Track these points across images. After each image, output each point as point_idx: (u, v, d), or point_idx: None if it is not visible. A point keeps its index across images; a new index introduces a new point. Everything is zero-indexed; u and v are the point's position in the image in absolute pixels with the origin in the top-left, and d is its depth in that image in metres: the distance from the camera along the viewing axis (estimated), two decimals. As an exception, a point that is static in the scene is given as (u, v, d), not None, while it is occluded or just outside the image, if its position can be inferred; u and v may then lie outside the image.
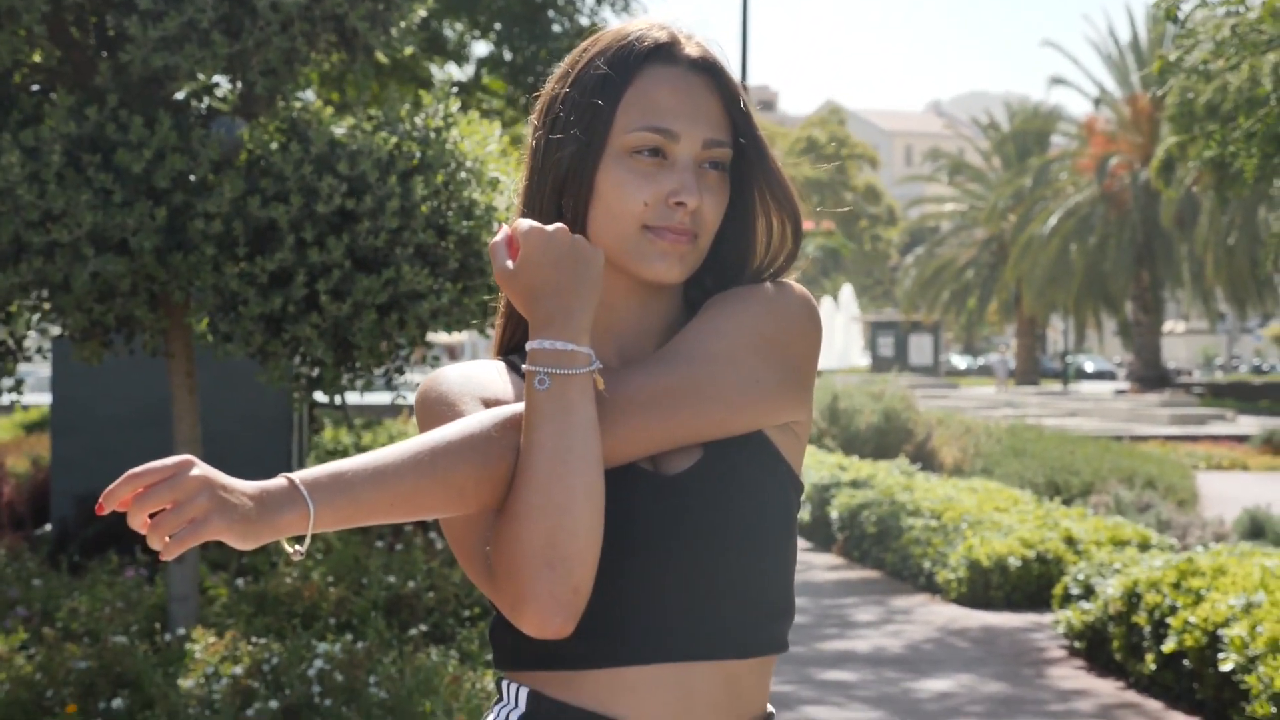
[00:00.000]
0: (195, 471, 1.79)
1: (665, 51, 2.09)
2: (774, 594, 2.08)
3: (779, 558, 2.08)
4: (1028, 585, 11.57)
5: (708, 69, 2.10)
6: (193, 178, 7.16)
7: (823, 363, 56.79)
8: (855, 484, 14.93)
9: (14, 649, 7.22)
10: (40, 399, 21.43)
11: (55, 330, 7.49)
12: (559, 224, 2.00)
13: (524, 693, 2.04)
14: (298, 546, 1.88)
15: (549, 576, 1.91)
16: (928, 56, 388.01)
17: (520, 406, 1.99)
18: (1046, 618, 11.02)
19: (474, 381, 2.10)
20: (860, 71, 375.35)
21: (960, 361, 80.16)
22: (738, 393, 2.03)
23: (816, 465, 16.44)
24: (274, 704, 6.54)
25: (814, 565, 14.12)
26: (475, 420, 1.98)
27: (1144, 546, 11.21)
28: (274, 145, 7.24)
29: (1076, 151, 52.94)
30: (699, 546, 2.01)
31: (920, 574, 12.58)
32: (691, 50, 2.11)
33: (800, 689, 9.05)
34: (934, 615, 11.45)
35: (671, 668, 2.00)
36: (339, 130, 7.52)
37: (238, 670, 6.87)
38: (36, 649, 7.23)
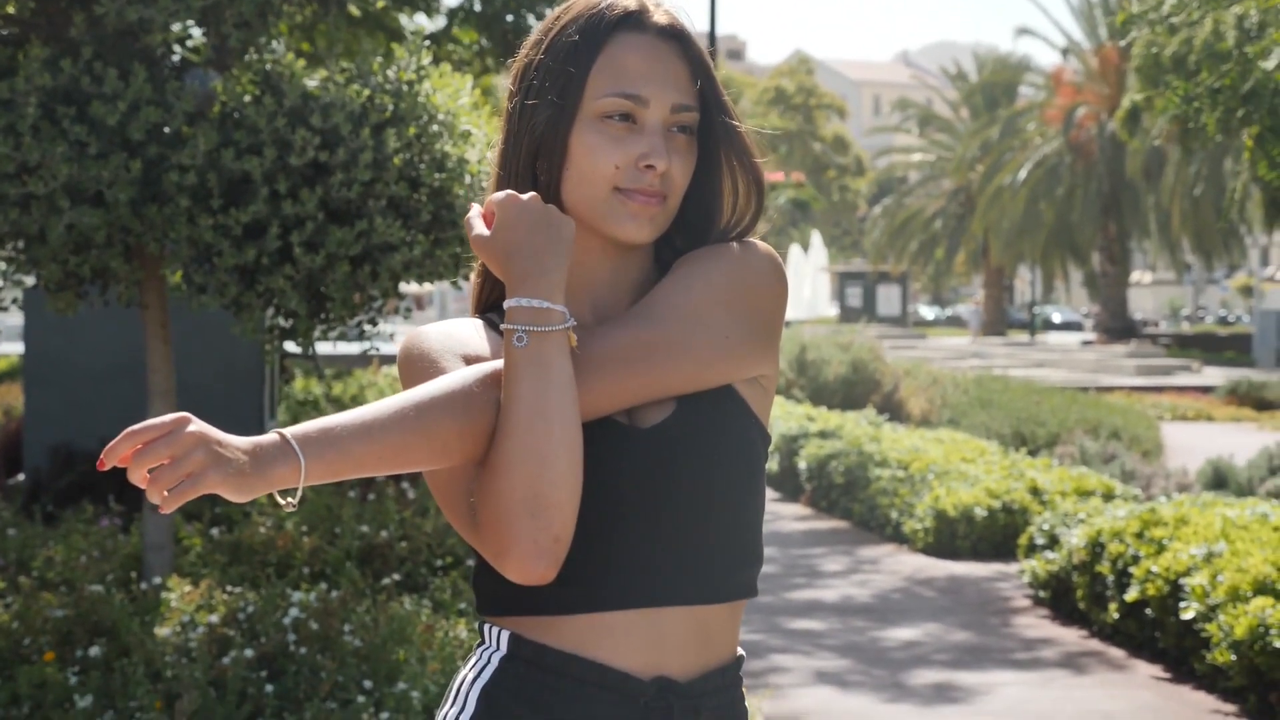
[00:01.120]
0: (191, 428, 1.87)
1: (634, 19, 2.17)
2: (743, 542, 2.17)
3: (748, 507, 2.17)
4: (994, 535, 11.72)
5: (675, 36, 2.18)
6: (167, 130, 7.19)
7: (791, 313, 57.03)
8: (823, 435, 15.05)
9: (-10, 598, 7.28)
10: (9, 349, 21.39)
11: (29, 281, 7.52)
12: (532, 193, 2.09)
13: (505, 635, 2.13)
14: (290, 499, 1.96)
15: (531, 525, 1.99)
16: (896, 5, 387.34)
17: (500, 363, 2.07)
18: (1012, 567, 11.17)
19: (454, 339, 2.17)
20: (828, 21, 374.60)
21: (928, 312, 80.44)
22: (708, 348, 2.12)
23: (785, 416, 16.56)
24: (249, 652, 6.61)
25: (782, 515, 14.25)
26: (457, 376, 2.06)
27: (1108, 497, 11.35)
28: (247, 98, 7.27)
29: (1044, 102, 53.02)
30: (672, 496, 2.10)
31: (887, 524, 12.72)
32: (660, 18, 2.18)
33: (769, 638, 9.17)
34: (901, 565, 11.59)
35: (645, 613, 2.09)
36: (312, 83, 7.53)
37: (213, 619, 6.94)
38: (13, 598, 7.29)
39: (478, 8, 15.57)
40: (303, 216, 7.05)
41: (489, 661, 2.15)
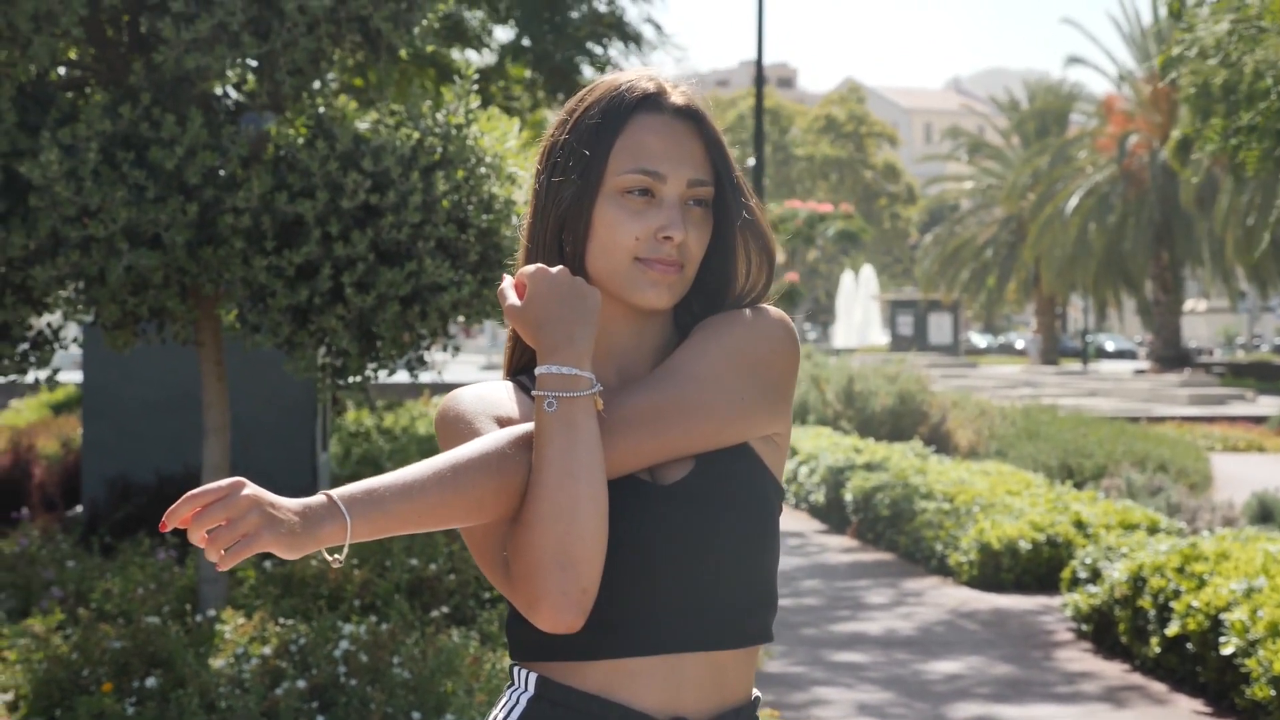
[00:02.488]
0: (246, 492, 2.03)
1: (652, 100, 2.33)
2: (758, 590, 2.31)
3: (763, 556, 2.31)
4: (1038, 568, 11.79)
5: (691, 116, 2.35)
6: (222, 173, 7.38)
7: (842, 341, 56.69)
8: (869, 467, 15.14)
9: (51, 629, 7.45)
10: (68, 377, 21.67)
11: (88, 319, 7.73)
12: (560, 266, 2.25)
13: (533, 678, 2.28)
14: (337, 556, 2.12)
15: (560, 577, 2.15)
16: (948, 33, 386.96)
17: (531, 426, 2.23)
18: (1056, 601, 11.24)
19: (488, 402, 2.33)
20: (880, 49, 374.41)
21: (981, 340, 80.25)
22: (724, 409, 2.27)
23: (831, 448, 16.65)
24: (301, 683, 6.77)
25: (828, 548, 14.34)
26: (491, 439, 2.21)
27: (1153, 530, 11.40)
28: (300, 142, 7.46)
29: (1096, 130, 52.89)
30: (692, 549, 2.25)
31: (933, 556, 12.80)
32: (677, 99, 2.35)
33: (812, 670, 9.28)
34: (945, 598, 11.67)
35: (665, 659, 2.24)
36: (363, 126, 7.73)
37: (266, 650, 7.11)
38: (72, 629, 7.47)
39: (527, 43, 15.83)
40: (354, 258, 7.23)
41: (517, 702, 2.30)
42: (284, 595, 8.43)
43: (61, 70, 7.75)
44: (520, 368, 2.43)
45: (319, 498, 2.10)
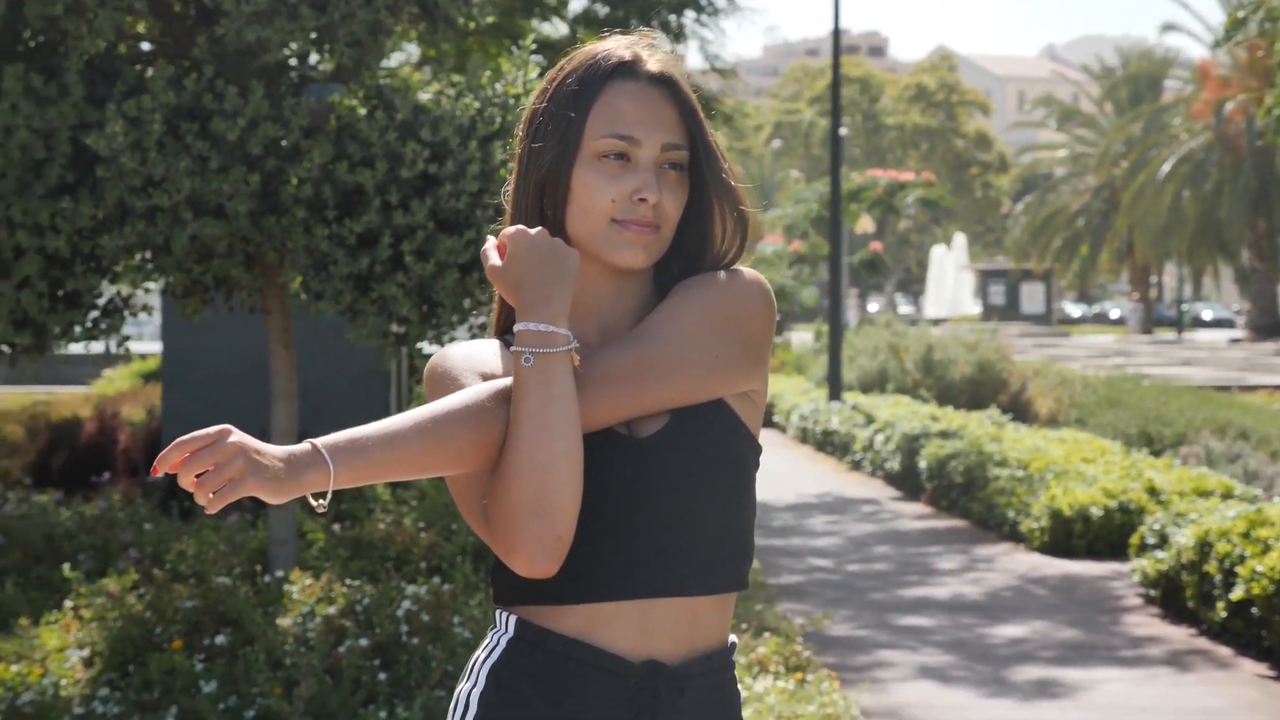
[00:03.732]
0: (232, 439, 2.13)
1: (628, 68, 2.41)
2: (732, 540, 2.38)
3: (736, 508, 2.39)
4: (1109, 535, 11.76)
5: (666, 82, 2.42)
6: (284, 144, 7.51)
7: (933, 311, 56.42)
8: (945, 434, 15.14)
9: (126, 589, 7.62)
10: (157, 348, 22.03)
11: (153, 287, 7.89)
12: (540, 227, 2.33)
13: (513, 620, 2.37)
14: (321, 501, 2.21)
15: (536, 525, 2.24)
16: (1043, 1, 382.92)
17: (510, 380, 2.31)
18: (1125, 567, 11.21)
19: (474, 358, 2.42)
20: (973, 16, 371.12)
21: (1075, 310, 79.60)
22: (698, 366, 2.34)
23: (909, 416, 16.65)
24: (364, 642, 6.91)
25: (902, 514, 14.37)
26: (472, 392, 2.30)
27: (1227, 497, 11.33)
28: (361, 112, 7.58)
29: (1190, 96, 52.35)
30: (665, 499, 2.33)
31: (1005, 523, 12.80)
32: (651, 66, 2.42)
33: (876, 634, 9.33)
34: (1016, 564, 11.68)
35: (639, 603, 2.32)
36: (424, 96, 7.84)
37: (332, 610, 7.24)
38: (146, 589, 7.64)
39: (602, 12, 15.88)
40: (413, 226, 7.35)
41: (498, 644, 2.38)
42: (352, 557, 8.58)
43: (128, 44, 7.89)
44: (506, 327, 2.51)
45: (304, 445, 2.19)
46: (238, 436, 2.13)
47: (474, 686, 2.38)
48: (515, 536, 2.24)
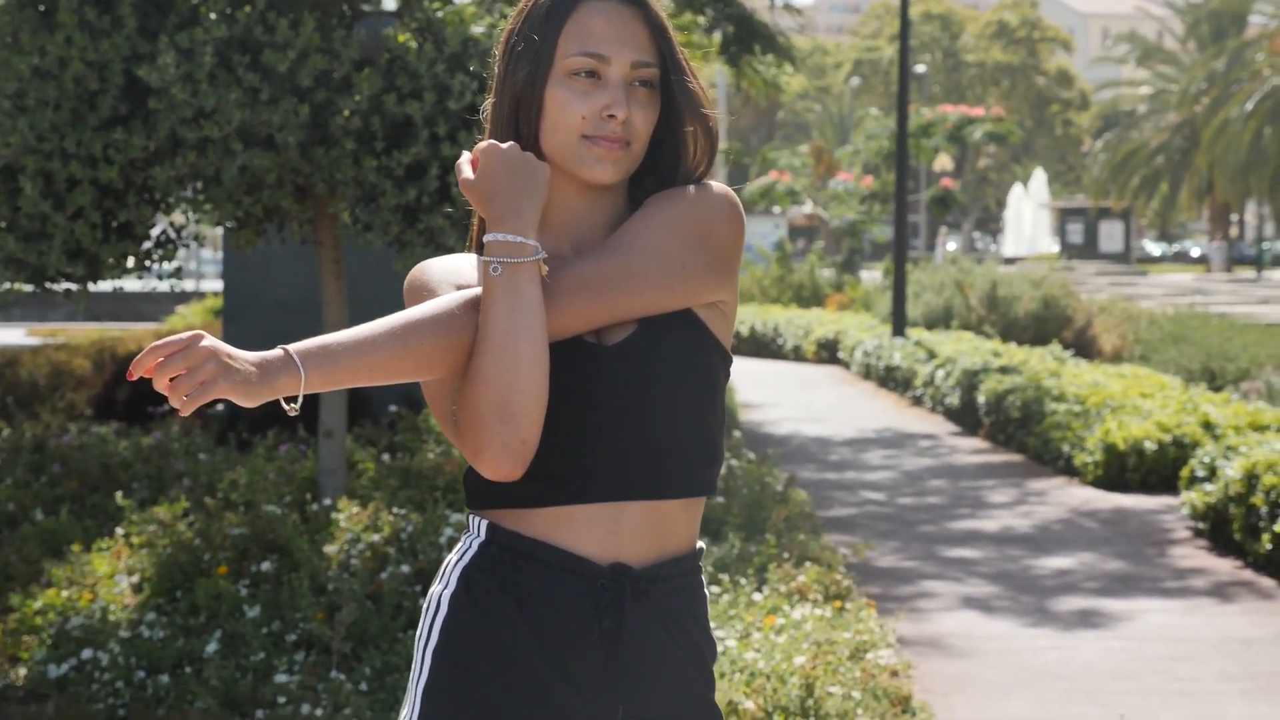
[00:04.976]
0: (205, 343, 2.22)
1: None
2: (697, 446, 2.46)
3: (702, 415, 2.46)
4: (1163, 469, 11.74)
5: (636, 2, 2.48)
6: (334, 76, 7.61)
7: (1011, 249, 56.01)
8: (1005, 370, 15.13)
9: (177, 516, 7.79)
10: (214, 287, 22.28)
11: (203, 218, 8.01)
12: (512, 142, 2.41)
13: (484, 524, 2.46)
14: (293, 405, 2.31)
15: (501, 429, 2.33)
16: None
17: (480, 290, 2.39)
18: (1177, 500, 11.21)
19: (450, 271, 2.51)
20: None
21: (1155, 248, 78.87)
22: (665, 276, 2.42)
23: (971, 351, 16.64)
24: (405, 568, 7.04)
25: (959, 449, 14.39)
26: (442, 300, 2.40)
27: (1283, 431, 11.29)
28: (412, 46, 7.66)
29: (1274, 32, 51.61)
30: (631, 405, 2.41)
31: (1060, 457, 12.80)
32: None
33: (923, 565, 9.40)
34: (1068, 497, 11.70)
35: (606, 506, 2.41)
36: (477, 30, 7.91)
37: (376, 538, 7.38)
38: (197, 517, 7.80)
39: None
40: (460, 158, 7.44)
41: (470, 546, 2.48)
42: (401, 487, 8.71)
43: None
44: (482, 243, 2.59)
45: (276, 351, 2.29)
46: (210, 341, 2.23)
47: (445, 587, 2.47)
48: (481, 440, 2.33)
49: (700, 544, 2.54)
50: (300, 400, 2.31)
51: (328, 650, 6.59)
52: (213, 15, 7.43)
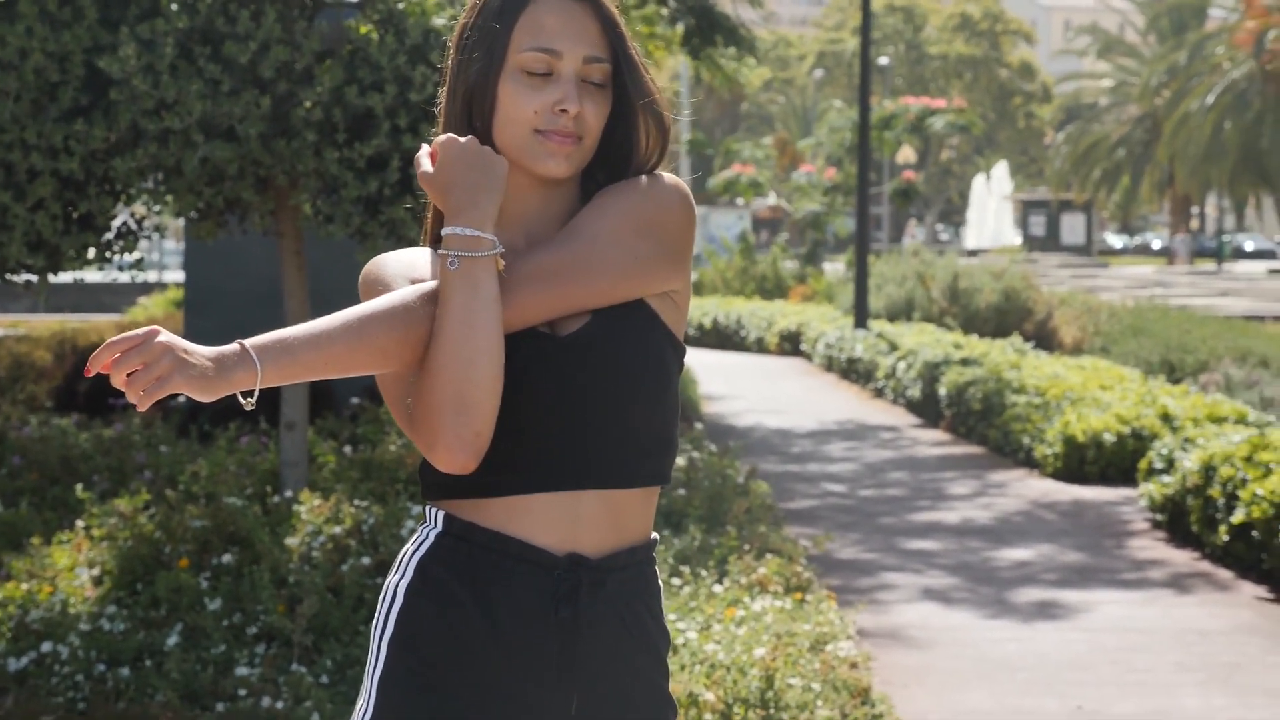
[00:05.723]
0: (160, 339, 2.24)
1: None
2: (653, 435, 2.49)
3: (657, 405, 2.49)
4: (1122, 460, 11.82)
5: None
6: (296, 67, 7.60)
7: (974, 241, 56.25)
8: (966, 362, 15.20)
9: (137, 509, 7.76)
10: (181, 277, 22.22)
11: (164, 209, 8.00)
12: (470, 136, 2.43)
13: (441, 515, 2.48)
14: (249, 399, 2.32)
15: (455, 421, 2.35)
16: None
17: (436, 283, 2.41)
18: (1135, 492, 11.28)
19: (405, 264, 2.53)
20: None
21: (1116, 241, 79.19)
22: (618, 266, 2.44)
23: (932, 343, 16.70)
24: (366, 560, 7.05)
25: (920, 441, 14.45)
26: (399, 294, 2.42)
27: (1241, 423, 11.36)
28: (374, 37, 7.66)
29: (1234, 25, 51.85)
30: (586, 395, 2.43)
31: (1020, 449, 12.87)
32: None
33: (883, 557, 9.44)
34: (1028, 489, 11.77)
35: (562, 496, 2.43)
36: (439, 21, 7.91)
37: (338, 530, 7.38)
38: (158, 509, 7.79)
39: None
40: (421, 150, 7.45)
41: (427, 538, 2.50)
42: (363, 479, 8.71)
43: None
44: (438, 235, 2.61)
45: (232, 346, 2.31)
46: (165, 336, 2.25)
47: (401, 578, 2.49)
48: (436, 432, 2.35)
49: (655, 535, 2.56)
50: (256, 394, 2.33)
51: (289, 643, 6.59)
52: (174, 6, 7.41)
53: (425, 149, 2.48)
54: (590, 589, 2.44)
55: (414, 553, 2.50)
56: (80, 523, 7.81)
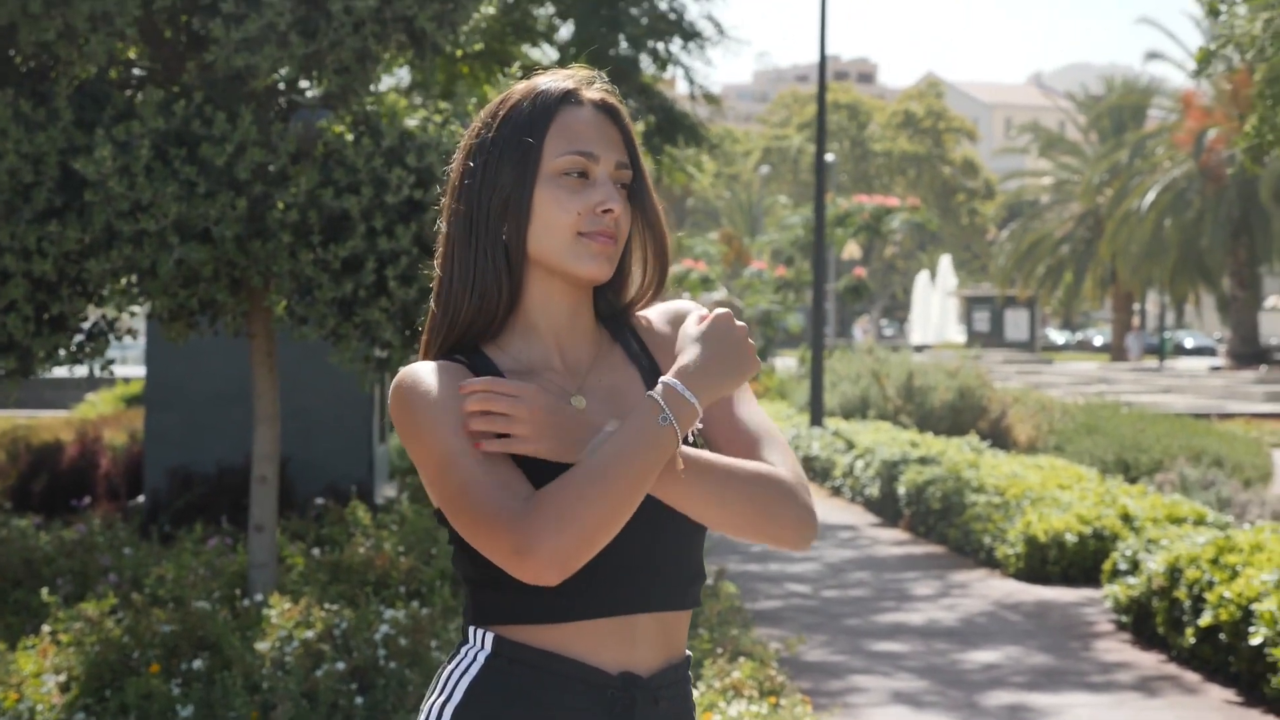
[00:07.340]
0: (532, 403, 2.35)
1: (574, 96, 2.53)
2: (695, 561, 2.55)
3: (698, 534, 2.54)
4: (1084, 561, 11.87)
5: (608, 109, 2.55)
6: (271, 169, 7.62)
7: (919, 337, 56.42)
8: (924, 460, 15.25)
9: (104, 613, 7.69)
10: (141, 372, 22.10)
11: (138, 310, 7.98)
12: (742, 324, 2.48)
13: (489, 637, 2.46)
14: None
15: (567, 543, 2.27)
16: (1031, 29, 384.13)
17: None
18: (1099, 593, 11.32)
19: (447, 385, 2.45)
20: (963, 44, 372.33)
21: (1059, 337, 79.78)
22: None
23: (889, 442, 16.76)
24: (341, 665, 6.99)
25: (880, 540, 14.46)
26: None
27: (1199, 524, 11.43)
28: (348, 138, 7.68)
29: (1174, 125, 52.48)
30: (664, 527, 2.46)
31: (981, 549, 12.90)
32: (594, 95, 2.55)
33: (851, 659, 9.42)
34: (991, 589, 11.78)
35: (620, 619, 2.45)
36: (411, 123, 7.95)
37: (310, 634, 7.32)
38: (125, 613, 7.70)
39: (587, 39, 15.99)
40: (398, 251, 7.46)
41: (474, 660, 2.48)
42: (332, 582, 8.66)
43: (118, 69, 7.98)
44: (448, 350, 2.54)
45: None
46: (538, 401, 2.35)
47: (448, 700, 2.47)
48: (535, 542, 2.28)
49: (688, 651, 2.59)
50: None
51: (264, 750, 6.52)
52: (149, 108, 7.41)
53: (697, 305, 2.54)
54: (645, 707, 2.45)
55: (460, 675, 2.48)
56: (46, 627, 7.71)
